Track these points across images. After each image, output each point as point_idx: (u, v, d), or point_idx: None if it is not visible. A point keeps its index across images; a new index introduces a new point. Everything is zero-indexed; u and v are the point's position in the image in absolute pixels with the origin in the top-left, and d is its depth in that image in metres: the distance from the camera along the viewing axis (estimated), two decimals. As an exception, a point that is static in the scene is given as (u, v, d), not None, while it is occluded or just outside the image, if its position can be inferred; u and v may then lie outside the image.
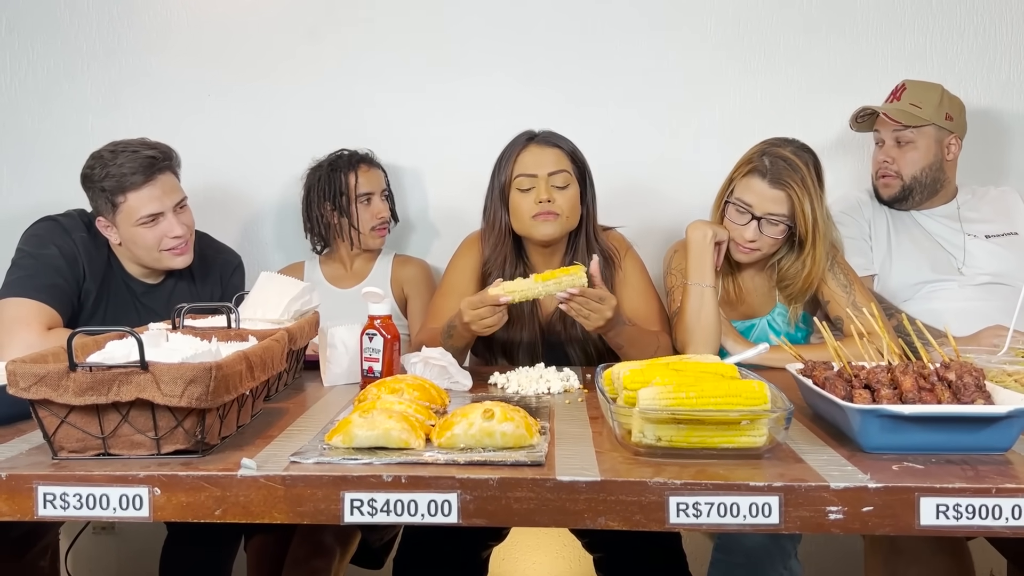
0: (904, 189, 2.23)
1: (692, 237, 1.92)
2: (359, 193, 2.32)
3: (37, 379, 1.11)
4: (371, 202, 2.33)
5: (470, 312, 1.71)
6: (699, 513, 1.05)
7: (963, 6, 2.44)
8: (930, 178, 2.22)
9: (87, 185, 1.95)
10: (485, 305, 1.69)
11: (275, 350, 1.37)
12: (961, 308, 2.11)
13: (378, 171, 2.38)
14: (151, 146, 1.96)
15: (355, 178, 2.31)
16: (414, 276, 2.39)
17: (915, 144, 2.20)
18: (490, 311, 1.69)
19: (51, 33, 2.53)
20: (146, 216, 1.92)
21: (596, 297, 1.69)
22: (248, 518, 1.08)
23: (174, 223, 1.96)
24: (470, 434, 1.17)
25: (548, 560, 2.56)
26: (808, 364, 1.40)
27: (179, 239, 1.97)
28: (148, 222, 1.93)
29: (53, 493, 1.09)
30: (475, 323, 1.71)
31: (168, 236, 1.96)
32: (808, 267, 1.92)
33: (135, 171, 1.90)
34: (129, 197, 1.91)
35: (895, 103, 2.21)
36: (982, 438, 1.14)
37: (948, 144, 2.23)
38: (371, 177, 2.34)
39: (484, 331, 1.73)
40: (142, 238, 1.94)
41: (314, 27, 2.52)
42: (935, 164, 2.22)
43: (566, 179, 1.92)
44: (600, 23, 2.49)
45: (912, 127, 2.18)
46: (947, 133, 2.22)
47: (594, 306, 1.69)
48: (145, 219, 1.92)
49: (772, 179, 1.86)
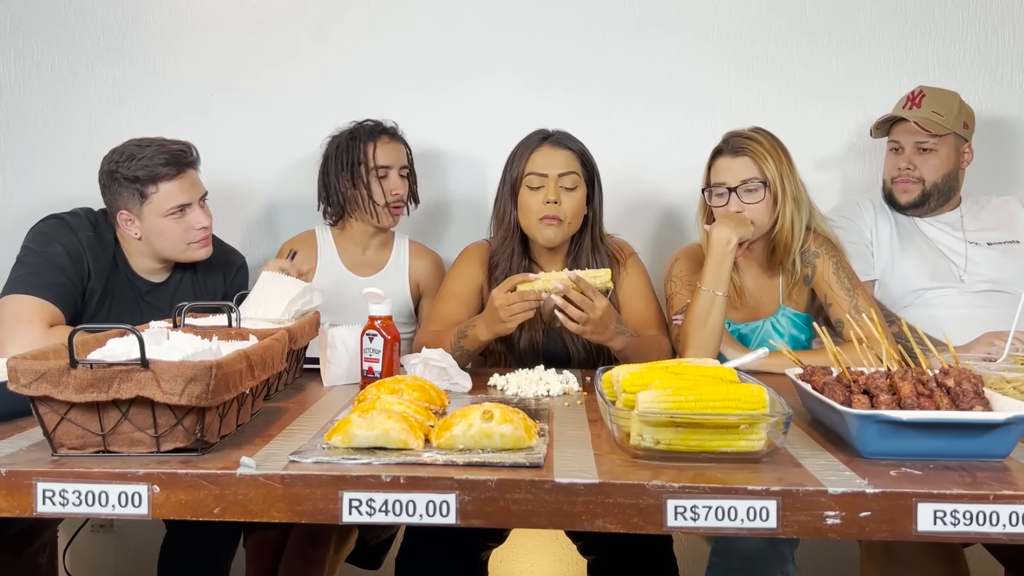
0: (923, 195, 2.22)
1: (715, 239, 1.89)
2: (376, 165, 2.22)
3: (38, 376, 1.11)
4: (388, 177, 2.23)
5: (501, 296, 1.70)
6: (697, 516, 1.05)
7: (966, 13, 2.44)
8: (947, 185, 2.23)
9: (111, 178, 1.96)
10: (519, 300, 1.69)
11: (275, 349, 1.38)
12: (961, 315, 2.11)
13: (399, 145, 2.28)
14: (175, 142, 2.01)
15: (373, 149, 2.22)
16: (429, 273, 2.36)
17: (937, 152, 2.19)
18: (521, 305, 1.69)
19: (56, 31, 2.54)
20: (175, 207, 1.96)
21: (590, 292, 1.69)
22: (247, 517, 1.09)
23: (200, 214, 2.01)
24: (469, 435, 1.18)
25: (546, 563, 2.56)
26: (807, 369, 1.40)
27: (205, 229, 2.02)
28: (176, 213, 1.97)
29: (52, 490, 1.09)
30: (503, 309, 1.70)
31: (195, 228, 2.00)
32: (780, 223, 1.94)
33: (167, 163, 1.95)
34: (161, 187, 1.95)
35: (916, 110, 2.19)
36: (980, 445, 1.14)
37: (963, 152, 2.24)
38: (390, 151, 2.24)
39: (509, 320, 1.72)
40: (170, 230, 1.98)
41: (319, 27, 2.53)
42: (953, 172, 2.22)
43: (575, 181, 1.97)
44: (603, 27, 2.49)
45: (937, 136, 2.17)
46: (963, 141, 2.23)
47: (588, 305, 1.68)
48: (174, 210, 1.96)
49: (732, 151, 1.95)
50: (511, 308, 1.70)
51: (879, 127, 2.25)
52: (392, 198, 2.24)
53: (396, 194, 2.24)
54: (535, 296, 1.69)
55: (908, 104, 2.22)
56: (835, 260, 1.98)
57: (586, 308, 1.68)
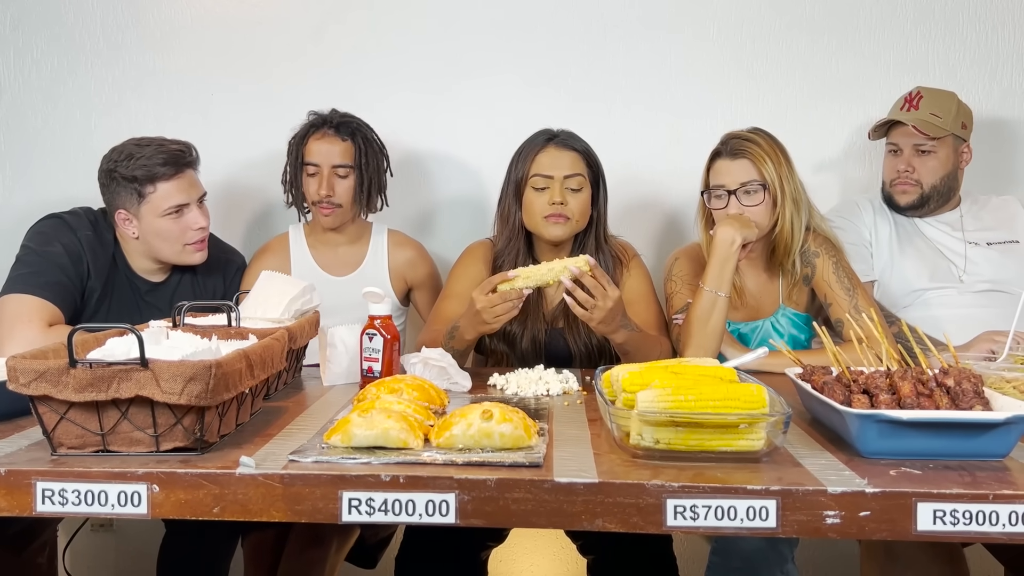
0: (922, 197, 2.22)
1: (719, 239, 1.88)
2: (305, 162, 2.14)
3: (37, 375, 1.11)
4: (318, 175, 2.12)
5: (482, 299, 1.70)
6: (696, 516, 1.05)
7: (965, 13, 2.44)
8: (947, 186, 2.23)
9: (110, 177, 1.96)
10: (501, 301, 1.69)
11: (275, 349, 1.38)
12: (960, 315, 2.11)
13: (338, 141, 2.13)
14: (175, 142, 2.00)
15: (306, 144, 2.14)
16: (412, 262, 2.29)
17: (935, 153, 2.19)
18: (502, 302, 1.69)
19: (55, 31, 2.54)
20: (172, 207, 1.96)
21: (604, 281, 1.68)
22: (246, 516, 1.09)
23: (198, 215, 2.00)
24: (469, 434, 1.18)
25: (546, 563, 2.56)
26: (807, 369, 1.40)
27: (202, 231, 2.01)
28: (173, 213, 1.96)
29: (52, 489, 1.09)
30: (486, 311, 1.70)
31: (192, 228, 2.00)
32: (780, 225, 1.94)
33: (165, 163, 1.95)
34: (159, 187, 1.94)
35: (914, 112, 2.19)
36: (980, 444, 1.14)
37: (962, 152, 2.23)
38: (322, 147, 2.13)
39: (493, 321, 1.72)
40: (167, 230, 1.97)
41: (319, 27, 2.53)
42: (952, 173, 2.22)
43: (580, 183, 1.97)
44: (603, 27, 2.49)
45: (936, 138, 2.17)
46: (961, 141, 2.22)
47: (600, 292, 1.68)
48: (171, 210, 1.96)
49: (731, 153, 1.94)
50: (494, 310, 1.70)
51: (877, 130, 2.25)
52: (316, 197, 2.14)
53: (321, 193, 2.13)
54: (517, 295, 1.69)
55: (906, 106, 2.22)
56: (835, 260, 1.98)
57: (598, 296, 1.68)
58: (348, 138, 2.15)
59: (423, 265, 2.32)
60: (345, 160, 2.14)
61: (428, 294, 2.31)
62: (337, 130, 2.14)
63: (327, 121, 2.16)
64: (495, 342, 2.04)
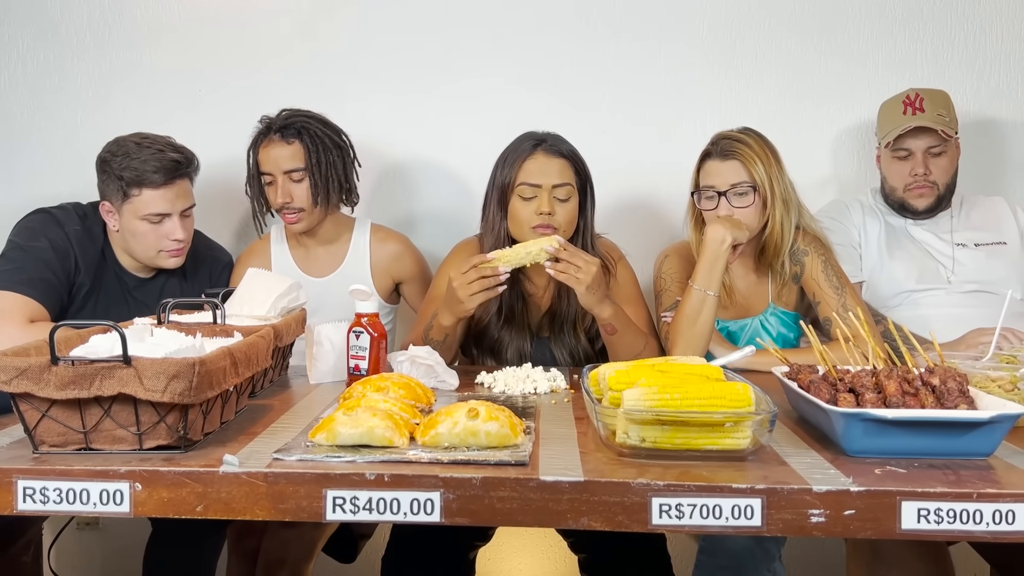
0: (939, 198, 2.21)
1: (710, 238, 1.87)
2: (260, 172, 2.11)
3: (18, 372, 1.10)
4: (273, 184, 2.09)
5: (458, 277, 1.71)
6: (682, 514, 1.05)
7: (953, 14, 2.45)
8: (953, 183, 2.24)
9: (103, 168, 1.95)
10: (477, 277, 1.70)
11: (260, 346, 1.37)
12: (948, 315, 2.12)
13: (285, 145, 2.08)
14: (177, 149, 1.97)
15: (257, 154, 2.11)
16: (398, 257, 2.25)
17: (946, 153, 2.19)
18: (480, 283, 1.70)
19: (41, 25, 2.52)
20: (153, 214, 1.93)
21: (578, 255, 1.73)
22: (230, 514, 1.08)
23: (177, 226, 1.96)
24: (454, 433, 1.17)
25: (534, 561, 2.56)
26: (793, 367, 1.40)
27: (179, 243, 1.98)
28: (153, 220, 1.93)
29: (33, 487, 1.08)
30: (461, 288, 1.71)
31: (169, 238, 1.96)
32: (770, 226, 1.94)
33: (157, 170, 1.91)
34: (144, 192, 1.91)
35: (922, 115, 2.16)
36: (964, 443, 1.15)
37: (958, 147, 2.24)
38: (272, 155, 2.08)
39: (468, 300, 1.72)
40: (143, 233, 1.95)
41: (307, 23, 2.51)
42: (956, 169, 2.23)
43: (568, 192, 1.92)
44: (593, 26, 2.49)
45: (950, 137, 2.17)
46: (956, 139, 2.23)
47: (581, 261, 1.72)
48: (151, 216, 1.93)
49: (721, 154, 1.94)
50: (470, 287, 1.71)
51: (897, 139, 2.18)
52: (277, 206, 2.11)
53: (280, 201, 2.09)
54: (492, 271, 1.70)
55: (909, 110, 2.19)
56: (824, 259, 1.98)
57: (581, 264, 1.72)
58: (295, 140, 2.09)
59: (409, 258, 2.28)
60: (296, 164, 2.08)
61: (417, 287, 2.28)
62: (282, 134, 2.09)
63: (271, 127, 2.11)
64: (481, 353, 2.03)
